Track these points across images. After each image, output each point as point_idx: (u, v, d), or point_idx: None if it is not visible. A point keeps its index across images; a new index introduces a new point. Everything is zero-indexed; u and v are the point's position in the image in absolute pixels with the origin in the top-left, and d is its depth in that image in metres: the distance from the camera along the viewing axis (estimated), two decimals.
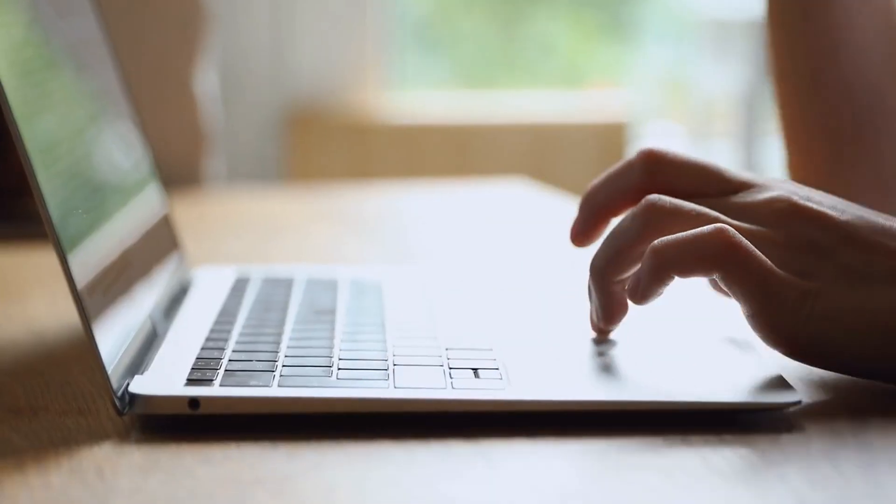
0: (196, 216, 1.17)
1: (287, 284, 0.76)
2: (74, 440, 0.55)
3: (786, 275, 0.58)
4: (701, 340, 0.65)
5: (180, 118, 1.35)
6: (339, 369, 0.59)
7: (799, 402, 0.56)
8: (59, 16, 0.69)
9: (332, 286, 0.76)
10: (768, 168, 2.93)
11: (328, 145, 2.24)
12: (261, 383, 0.57)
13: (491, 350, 0.63)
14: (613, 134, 2.30)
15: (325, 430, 0.55)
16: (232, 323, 0.67)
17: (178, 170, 1.35)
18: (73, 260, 0.57)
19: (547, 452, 0.53)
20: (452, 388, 0.57)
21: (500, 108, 2.34)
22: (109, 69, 0.78)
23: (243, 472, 0.51)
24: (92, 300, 0.57)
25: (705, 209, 0.60)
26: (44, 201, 0.56)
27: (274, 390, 0.56)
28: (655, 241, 0.59)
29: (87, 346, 0.60)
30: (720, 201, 0.62)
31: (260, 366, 0.59)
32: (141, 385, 0.56)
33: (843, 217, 0.60)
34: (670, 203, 0.60)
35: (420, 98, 2.56)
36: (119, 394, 0.56)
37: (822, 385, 0.61)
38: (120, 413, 0.55)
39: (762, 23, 0.88)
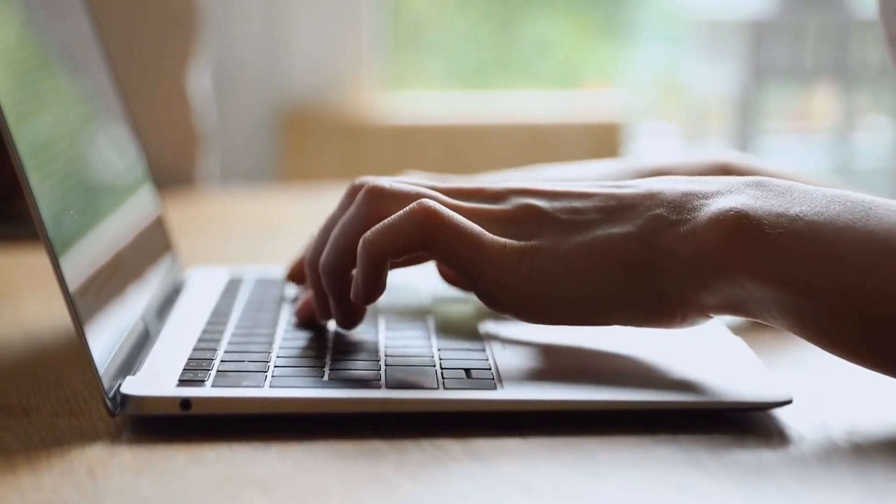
0: (190, 217, 1.17)
1: (280, 285, 0.77)
2: (66, 441, 0.55)
3: (500, 239, 0.59)
4: (690, 339, 0.65)
5: (174, 118, 1.35)
6: (330, 370, 0.59)
7: (790, 401, 0.56)
8: (52, 18, 0.69)
9: None
10: None
11: (323, 145, 2.24)
12: (252, 384, 0.57)
13: (483, 350, 0.63)
14: (608, 134, 2.30)
15: (316, 430, 0.55)
16: (224, 324, 0.67)
17: (172, 170, 1.35)
18: (64, 262, 0.57)
19: (538, 452, 0.53)
20: (444, 388, 0.57)
21: (495, 109, 2.34)
22: (103, 70, 0.78)
23: (235, 472, 0.51)
24: (84, 302, 0.57)
25: (424, 188, 0.60)
26: (35, 203, 0.56)
27: (266, 391, 0.56)
28: (366, 234, 0.59)
29: (79, 348, 0.60)
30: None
31: (252, 366, 0.59)
32: (132, 386, 0.56)
33: (560, 186, 0.60)
34: (388, 184, 0.60)
35: (415, 98, 2.55)
36: (111, 395, 0.56)
37: (814, 383, 0.61)
38: (112, 414, 0.55)
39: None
